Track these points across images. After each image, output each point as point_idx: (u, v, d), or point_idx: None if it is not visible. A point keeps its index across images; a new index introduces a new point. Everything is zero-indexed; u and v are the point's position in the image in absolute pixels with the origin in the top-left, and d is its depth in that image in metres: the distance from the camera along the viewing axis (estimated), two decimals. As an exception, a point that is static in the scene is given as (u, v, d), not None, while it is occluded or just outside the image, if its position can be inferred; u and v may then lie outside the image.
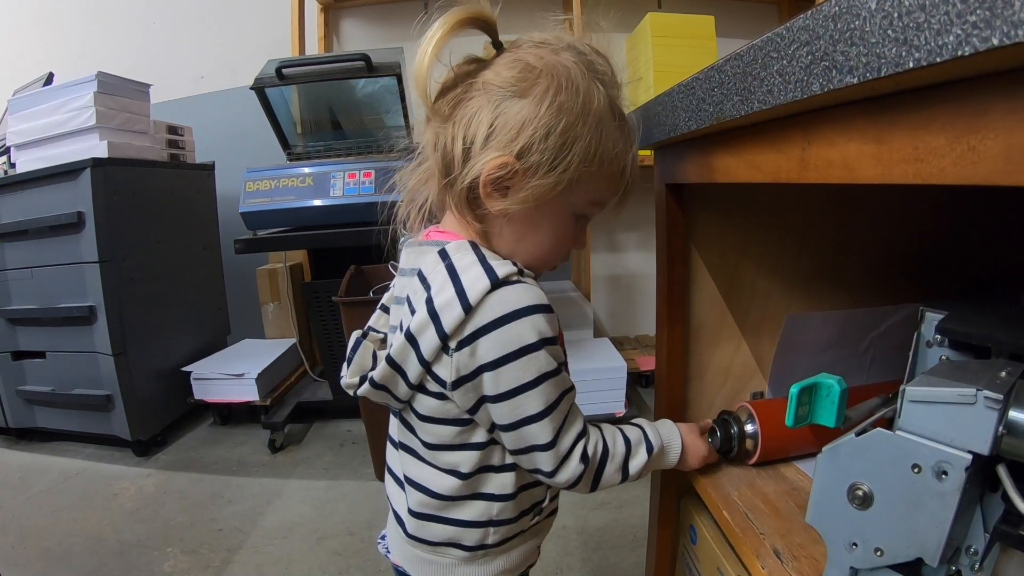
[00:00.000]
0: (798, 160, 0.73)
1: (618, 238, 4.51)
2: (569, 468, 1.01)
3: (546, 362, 0.95)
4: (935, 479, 0.68)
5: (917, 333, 0.92)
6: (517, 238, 1.02)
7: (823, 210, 1.34)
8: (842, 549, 0.78)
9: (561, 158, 0.93)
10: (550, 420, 0.97)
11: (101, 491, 2.99)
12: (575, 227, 1.05)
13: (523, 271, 0.97)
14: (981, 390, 0.65)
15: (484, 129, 0.94)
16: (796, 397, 0.86)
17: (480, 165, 0.94)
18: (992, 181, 0.45)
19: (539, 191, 0.95)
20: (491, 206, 0.97)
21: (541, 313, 0.93)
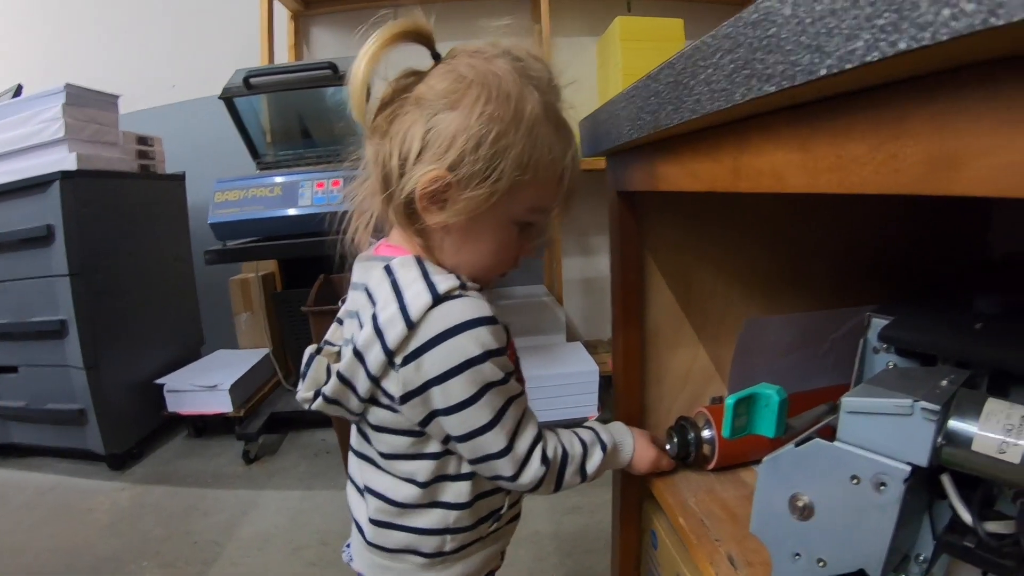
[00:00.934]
0: (731, 169, 0.72)
1: (590, 241, 4.51)
2: (530, 471, 1.02)
3: (491, 373, 0.95)
4: (874, 491, 0.67)
5: (864, 339, 0.91)
6: (458, 250, 1.02)
7: (782, 213, 1.34)
8: (786, 559, 0.78)
9: (493, 168, 0.93)
10: (501, 427, 0.98)
11: (76, 506, 2.96)
12: (519, 235, 1.04)
13: (466, 285, 0.97)
14: (918, 401, 0.64)
15: (417, 143, 0.94)
16: (732, 408, 0.85)
17: (414, 180, 0.94)
18: (914, 190, 0.44)
19: (474, 202, 0.94)
20: (429, 219, 0.97)
21: (484, 326, 0.94)
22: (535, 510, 2.75)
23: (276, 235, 3.05)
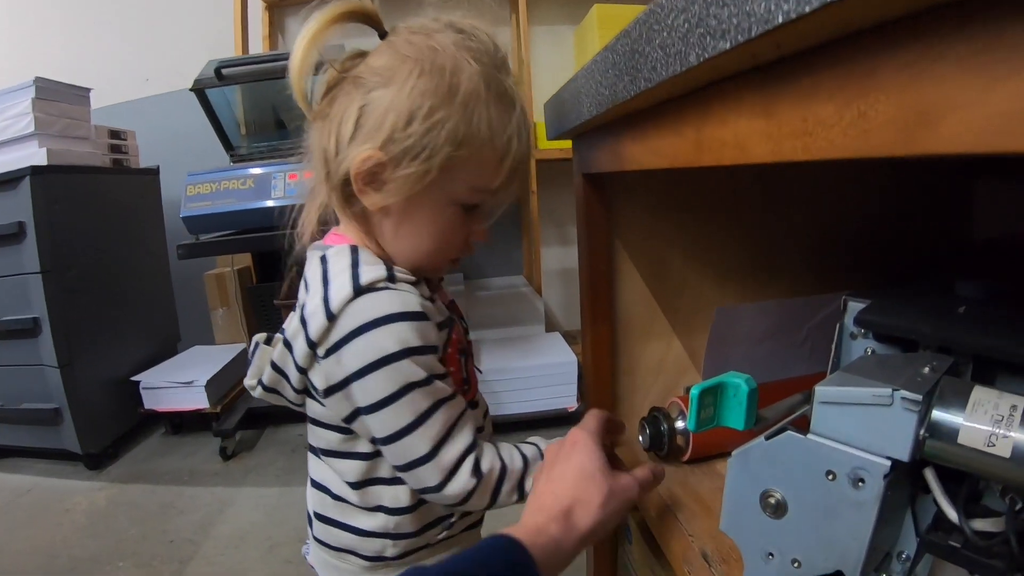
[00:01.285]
0: (693, 143, 0.69)
1: (569, 232, 4.49)
2: (458, 482, 0.95)
3: (411, 372, 0.91)
4: (851, 487, 0.62)
5: (840, 324, 0.86)
6: (396, 234, 0.98)
7: (755, 198, 1.31)
8: (758, 559, 0.73)
9: (426, 144, 0.89)
10: (424, 431, 0.93)
11: (53, 507, 2.93)
12: (463, 218, 0.99)
13: (394, 277, 0.94)
14: (898, 390, 0.59)
15: (351, 123, 0.91)
16: (697, 399, 0.79)
17: (348, 160, 0.91)
18: (885, 152, 0.40)
19: (409, 181, 0.90)
20: (366, 201, 0.94)
21: (406, 321, 0.90)
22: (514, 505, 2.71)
23: (250, 228, 3.02)
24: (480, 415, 1.13)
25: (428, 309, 0.94)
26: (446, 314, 1.02)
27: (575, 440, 0.99)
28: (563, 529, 0.86)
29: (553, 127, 1.22)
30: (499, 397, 3.28)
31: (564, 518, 0.87)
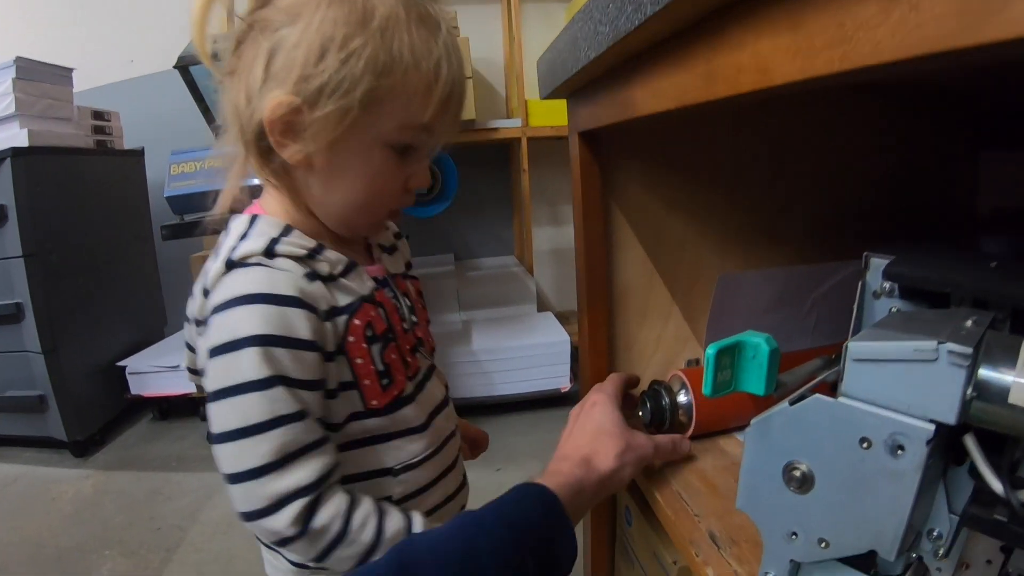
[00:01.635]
0: (703, 74, 0.62)
1: (561, 211, 4.47)
2: (276, 521, 0.81)
3: (251, 368, 0.79)
4: (889, 456, 0.54)
5: (862, 282, 0.79)
6: (327, 188, 0.90)
7: (759, 162, 1.25)
8: (780, 539, 0.65)
9: (344, 78, 0.80)
10: (249, 445, 0.79)
11: (40, 496, 2.92)
12: (397, 163, 0.91)
13: (272, 251, 0.84)
14: (944, 343, 0.51)
15: (260, 69, 0.82)
16: (714, 360, 0.71)
17: (260, 110, 0.82)
18: (942, 46, 0.33)
19: (329, 123, 0.82)
20: (286, 155, 0.85)
21: (269, 305, 0.81)
22: (509, 483, 2.67)
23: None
24: (421, 411, 1.01)
25: (310, 293, 0.84)
26: (358, 294, 0.92)
27: (594, 401, 1.07)
28: (584, 471, 0.93)
29: (547, 84, 1.15)
30: (491, 378, 3.25)
31: (584, 463, 0.94)
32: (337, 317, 0.88)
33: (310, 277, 0.86)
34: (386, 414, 0.94)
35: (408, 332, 1.02)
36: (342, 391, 0.90)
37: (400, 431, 0.97)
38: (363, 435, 0.94)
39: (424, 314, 1.14)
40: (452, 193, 3.20)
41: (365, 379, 0.91)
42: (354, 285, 0.92)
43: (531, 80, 3.76)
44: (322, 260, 0.89)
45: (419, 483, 1.01)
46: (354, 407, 0.92)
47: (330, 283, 0.89)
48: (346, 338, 0.89)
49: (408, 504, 1.00)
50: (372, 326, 0.92)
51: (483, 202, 4.50)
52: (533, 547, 0.79)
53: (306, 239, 0.89)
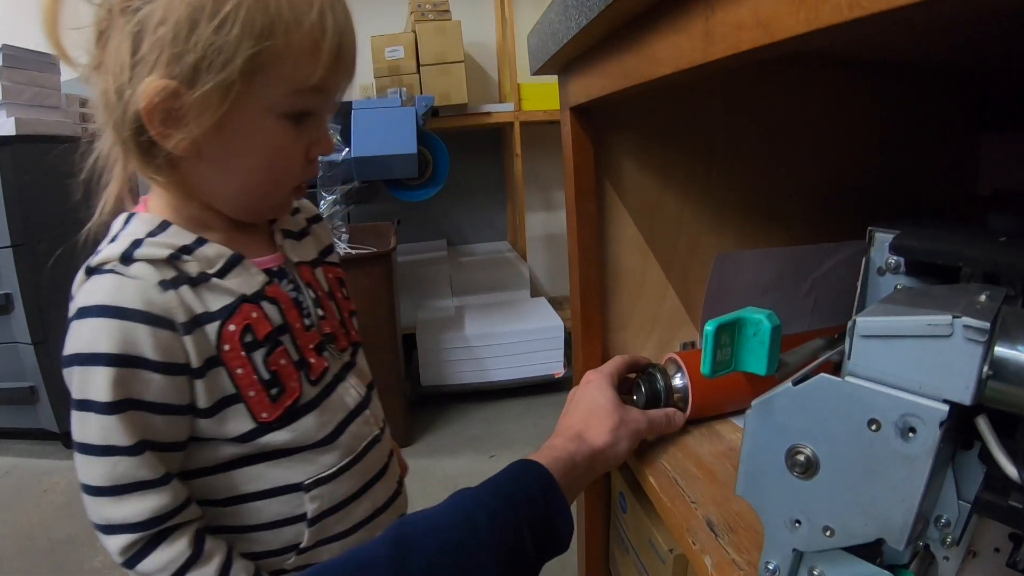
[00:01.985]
0: (701, 35, 0.58)
1: (553, 196, 4.46)
2: (106, 544, 0.83)
3: (99, 389, 0.77)
4: (899, 438, 0.51)
5: (866, 259, 0.76)
6: (221, 175, 0.85)
7: (756, 140, 1.22)
8: (782, 527, 0.62)
9: (220, 48, 0.73)
10: (89, 463, 0.80)
11: (31, 488, 2.92)
12: (294, 132, 0.84)
13: (129, 255, 0.79)
14: (959, 317, 0.48)
15: (127, 55, 0.75)
16: (713, 337, 0.68)
17: (135, 101, 0.75)
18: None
19: (212, 102, 0.75)
20: (170, 146, 0.78)
21: (115, 319, 0.76)
22: (496, 466, 2.68)
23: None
24: (328, 420, 0.95)
25: (161, 304, 0.79)
26: (236, 294, 0.86)
27: (588, 379, 1.05)
28: (576, 446, 0.91)
29: (537, 58, 1.11)
30: (484, 363, 3.24)
31: (578, 438, 0.92)
32: (206, 325, 0.82)
33: (167, 285, 0.80)
34: (283, 426, 0.89)
35: (311, 329, 0.95)
36: (225, 407, 0.85)
37: (305, 445, 0.92)
38: (264, 449, 0.89)
39: (347, 304, 1.08)
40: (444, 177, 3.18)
41: (249, 391, 0.86)
42: (233, 284, 0.86)
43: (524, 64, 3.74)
44: (192, 260, 0.83)
45: (337, 498, 0.96)
46: (245, 423, 0.86)
47: (200, 285, 0.83)
48: (220, 347, 0.83)
49: (328, 521, 0.96)
50: (252, 330, 0.86)
51: (475, 187, 4.49)
52: (530, 521, 0.78)
53: (182, 234, 0.84)
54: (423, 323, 3.47)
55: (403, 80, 3.51)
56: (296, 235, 1.02)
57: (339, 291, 1.06)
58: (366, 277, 2.85)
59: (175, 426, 0.83)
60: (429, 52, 3.51)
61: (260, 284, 0.89)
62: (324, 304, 1.00)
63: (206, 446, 0.87)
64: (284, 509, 0.92)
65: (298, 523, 0.94)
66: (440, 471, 2.87)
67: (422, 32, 3.50)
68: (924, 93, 1.24)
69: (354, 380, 1.02)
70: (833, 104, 1.21)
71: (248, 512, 0.91)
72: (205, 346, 0.82)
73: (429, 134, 3.20)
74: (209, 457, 0.88)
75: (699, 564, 0.81)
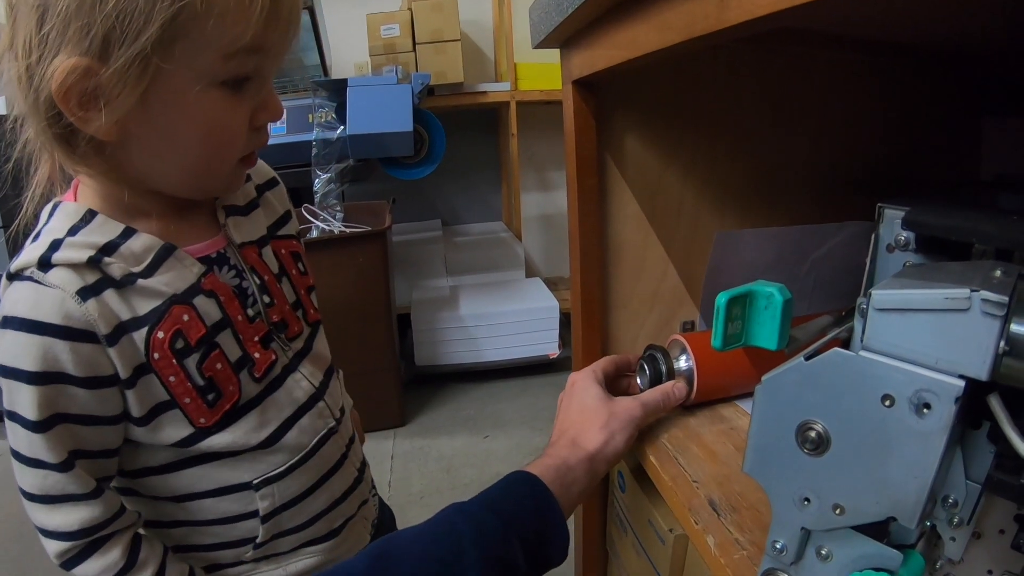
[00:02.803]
0: (715, 1, 0.56)
1: (549, 176, 4.46)
2: (46, 546, 0.83)
3: (25, 406, 0.76)
4: (914, 414, 0.50)
5: (875, 235, 0.74)
6: (155, 157, 0.79)
7: (759, 119, 1.21)
8: (791, 505, 0.61)
9: (131, 13, 0.65)
10: (18, 467, 0.80)
11: None
12: (233, 100, 0.77)
13: (47, 260, 0.76)
14: (977, 291, 0.47)
15: (34, 32, 0.68)
16: (724, 309, 0.67)
17: (45, 84, 0.69)
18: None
19: (132, 76, 0.68)
20: (92, 130, 0.72)
21: (34, 335, 0.74)
22: (497, 451, 2.72)
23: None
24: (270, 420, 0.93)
25: (80, 317, 0.75)
26: (164, 295, 0.82)
27: (573, 381, 1.01)
28: (569, 451, 0.88)
29: (540, 31, 1.09)
30: (479, 344, 3.24)
31: (571, 444, 0.89)
32: (133, 332, 0.79)
33: (87, 293, 0.76)
34: (222, 429, 0.87)
35: (256, 319, 0.91)
36: (160, 413, 0.83)
37: (246, 447, 0.90)
38: (206, 451, 0.87)
39: (304, 281, 1.03)
40: (440, 155, 3.17)
41: (184, 398, 0.84)
42: (162, 282, 0.82)
43: (520, 43, 3.73)
44: (116, 260, 0.79)
45: (289, 495, 0.95)
46: (182, 427, 0.84)
47: (125, 288, 0.79)
48: (150, 355, 0.80)
49: (282, 517, 0.95)
50: (183, 335, 0.82)
51: (471, 167, 4.48)
52: (520, 535, 0.76)
53: (108, 227, 0.80)
54: (418, 303, 3.47)
55: (399, 58, 3.50)
56: (243, 210, 0.97)
57: (293, 267, 1.02)
58: (361, 256, 2.83)
59: (106, 435, 0.82)
60: (425, 30, 3.49)
61: (195, 276, 0.85)
62: (272, 289, 0.95)
63: (144, 449, 0.86)
64: (234, 507, 0.91)
65: (251, 519, 0.93)
66: (435, 451, 2.87)
67: (418, 10, 3.48)
68: (927, 77, 1.24)
69: (308, 369, 0.98)
70: (837, 86, 1.20)
71: (198, 508, 0.90)
72: (133, 355, 0.80)
73: (425, 112, 3.19)
74: (149, 459, 0.87)
75: (701, 543, 0.80)
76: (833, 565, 0.59)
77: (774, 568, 0.64)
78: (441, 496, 2.51)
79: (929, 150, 1.29)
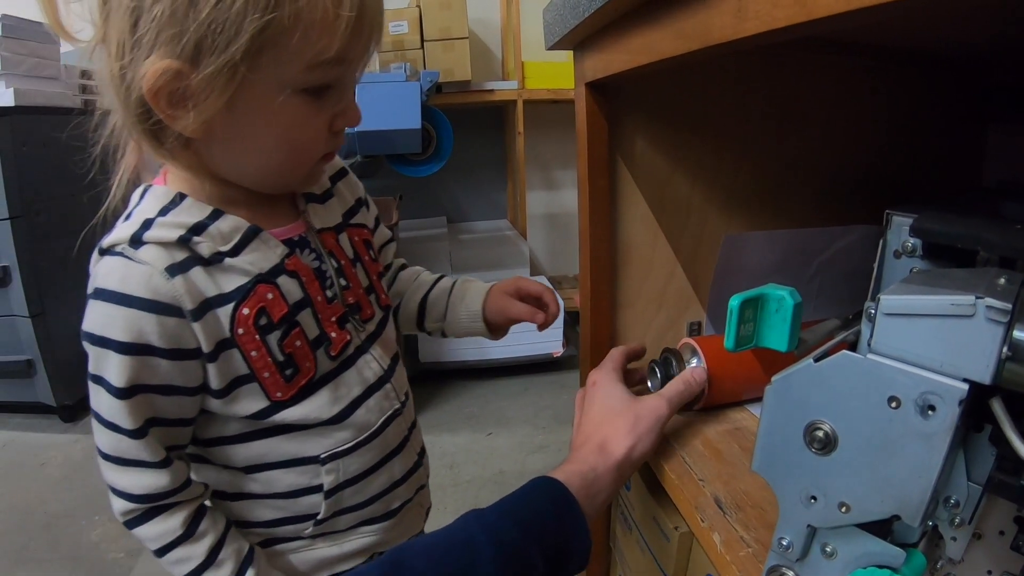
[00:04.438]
0: (733, 10, 0.57)
1: (555, 175, 4.45)
2: (114, 505, 0.86)
3: (111, 372, 0.78)
4: (919, 416, 0.51)
5: (883, 241, 0.76)
6: (236, 156, 0.82)
7: (766, 124, 1.22)
8: (798, 503, 0.62)
9: (224, 23, 0.67)
10: (96, 427, 0.83)
11: (29, 461, 2.91)
12: (315, 107, 0.80)
13: (139, 237, 0.78)
14: (982, 297, 0.48)
15: (127, 34, 0.70)
16: (738, 312, 0.68)
17: (137, 83, 0.71)
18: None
19: (220, 81, 0.71)
20: (180, 127, 0.75)
21: (121, 307, 0.77)
22: (500, 449, 2.71)
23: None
24: (341, 397, 0.94)
25: (168, 292, 0.78)
26: (251, 274, 0.84)
27: (594, 381, 1.02)
28: (597, 458, 0.87)
29: (554, 32, 1.09)
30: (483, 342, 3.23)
31: (599, 450, 0.89)
32: (218, 308, 0.81)
33: (175, 270, 0.78)
34: (296, 403, 0.90)
35: (334, 301, 0.94)
36: (238, 386, 0.86)
37: (318, 422, 0.92)
38: (278, 424, 0.90)
39: (375, 267, 1.05)
40: (447, 152, 3.17)
41: (264, 372, 0.86)
42: (248, 262, 0.84)
43: (528, 41, 3.73)
44: (204, 239, 0.81)
45: (351, 472, 0.97)
46: (259, 400, 0.87)
47: (212, 266, 0.81)
48: (234, 330, 0.83)
49: (344, 493, 0.97)
50: (267, 313, 0.85)
51: (477, 165, 4.49)
52: (540, 542, 0.76)
53: (197, 209, 0.82)
54: (422, 299, 3.38)
55: (407, 55, 3.50)
56: (320, 198, 0.99)
57: (366, 254, 1.04)
58: (368, 251, 2.82)
59: (184, 406, 0.84)
60: (433, 27, 3.48)
61: (279, 257, 0.87)
62: (348, 273, 0.98)
63: (218, 419, 0.89)
64: (301, 480, 0.94)
65: (314, 494, 0.95)
66: (438, 448, 2.87)
67: (427, 7, 3.47)
68: (932, 84, 1.24)
69: (377, 352, 1.01)
70: (843, 92, 1.21)
71: (266, 480, 0.93)
72: (216, 330, 0.82)
73: (433, 109, 3.20)
74: (223, 429, 0.90)
75: (707, 541, 0.82)
76: (838, 562, 0.61)
77: (779, 565, 0.65)
78: (444, 493, 2.52)
79: (933, 156, 1.30)
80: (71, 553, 2.30)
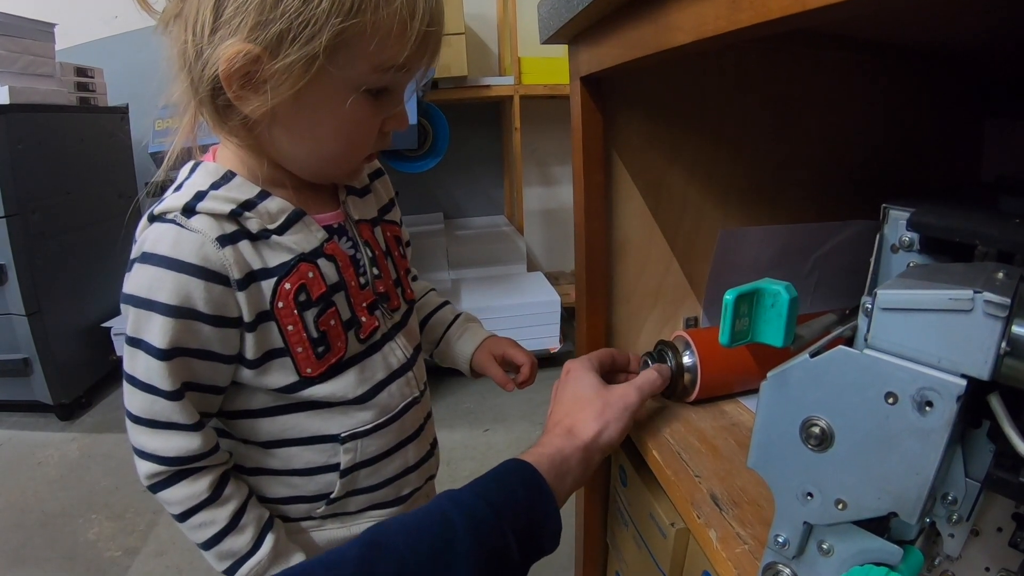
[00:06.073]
0: (727, 1, 0.56)
1: (552, 171, 4.46)
2: (137, 465, 0.88)
3: (152, 333, 0.81)
4: (916, 412, 0.51)
5: (880, 235, 0.75)
6: (294, 142, 0.86)
7: (762, 118, 1.21)
8: (794, 500, 0.62)
9: (307, 21, 0.72)
10: (130, 390, 0.85)
11: (25, 461, 2.92)
12: (372, 107, 0.85)
13: (192, 207, 0.81)
14: (980, 292, 0.48)
15: (209, 13, 0.75)
16: (732, 306, 0.67)
17: (213, 62, 0.76)
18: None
19: (293, 73, 0.75)
20: (246, 109, 0.79)
21: (171, 271, 0.80)
22: (497, 445, 2.73)
23: (222, 162, 2.90)
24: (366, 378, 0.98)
25: (217, 260, 0.81)
26: (295, 252, 0.89)
27: (567, 370, 1.05)
28: (564, 441, 0.89)
29: (548, 26, 1.09)
30: (482, 339, 3.25)
31: (566, 433, 0.91)
32: (262, 281, 0.85)
33: (225, 240, 0.82)
34: (324, 380, 0.93)
35: (366, 287, 0.98)
36: (271, 359, 0.89)
37: (342, 400, 0.95)
38: (304, 400, 0.93)
39: (404, 263, 1.10)
40: (443, 149, 3.17)
41: (298, 347, 0.89)
42: (293, 241, 0.88)
43: (524, 36, 3.73)
44: (253, 216, 0.85)
45: (369, 453, 1.00)
46: (289, 375, 0.90)
47: (259, 241, 0.86)
48: (274, 303, 0.86)
49: (359, 474, 1.00)
50: (307, 289, 0.89)
51: (473, 161, 4.48)
52: (513, 522, 0.77)
53: (246, 187, 0.86)
54: (419, 296, 3.40)
55: (403, 51, 3.49)
56: (359, 192, 1.04)
57: (396, 249, 1.08)
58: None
59: (219, 372, 0.87)
60: (429, 23, 3.46)
61: (319, 241, 0.91)
62: (380, 263, 1.02)
63: (245, 391, 0.92)
64: (319, 458, 0.96)
65: (331, 472, 0.98)
66: (434, 444, 2.84)
67: (423, 3, 3.45)
68: (930, 78, 1.24)
69: (402, 340, 1.05)
70: (840, 86, 1.21)
71: (285, 456, 0.95)
72: (259, 301, 0.85)
73: (429, 105, 3.20)
74: (249, 401, 0.93)
75: (703, 537, 0.81)
76: (834, 559, 0.60)
77: (776, 562, 0.65)
78: (440, 488, 2.45)
79: (931, 150, 1.30)
80: (68, 552, 2.30)
